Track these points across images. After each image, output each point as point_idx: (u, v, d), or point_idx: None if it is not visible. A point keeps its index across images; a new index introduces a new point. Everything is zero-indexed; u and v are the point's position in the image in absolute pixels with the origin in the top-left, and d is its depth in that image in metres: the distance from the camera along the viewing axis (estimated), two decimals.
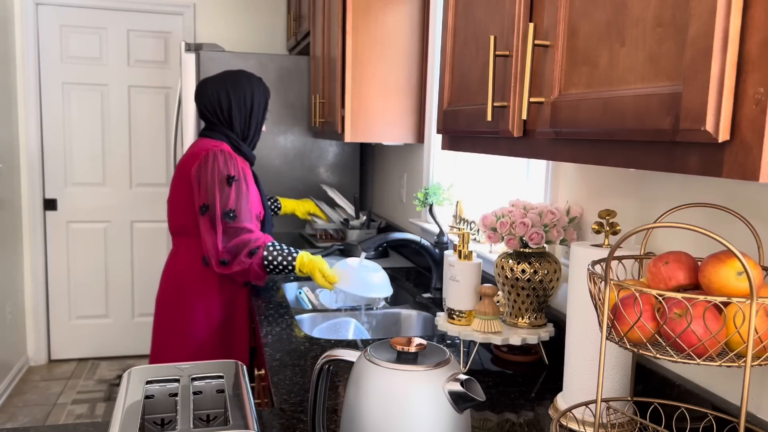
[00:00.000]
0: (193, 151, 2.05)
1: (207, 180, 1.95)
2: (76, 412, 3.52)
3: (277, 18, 4.25)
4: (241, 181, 1.98)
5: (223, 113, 2.10)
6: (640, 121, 0.71)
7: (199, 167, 1.98)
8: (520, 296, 1.47)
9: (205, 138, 2.11)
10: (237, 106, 2.10)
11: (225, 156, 1.99)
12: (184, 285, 2.07)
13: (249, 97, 2.11)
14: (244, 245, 1.92)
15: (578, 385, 1.18)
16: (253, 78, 2.14)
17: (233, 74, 2.13)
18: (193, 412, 0.93)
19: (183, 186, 2.04)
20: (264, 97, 2.14)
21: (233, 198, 1.94)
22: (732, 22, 0.60)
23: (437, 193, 2.14)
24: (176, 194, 2.06)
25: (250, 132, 2.14)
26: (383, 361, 0.88)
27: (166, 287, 2.11)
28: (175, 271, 2.09)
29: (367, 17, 2.44)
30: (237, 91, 2.10)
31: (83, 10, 3.97)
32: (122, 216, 4.20)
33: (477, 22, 1.17)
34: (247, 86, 2.12)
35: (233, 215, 1.93)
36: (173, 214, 2.09)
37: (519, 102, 1.00)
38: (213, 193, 1.94)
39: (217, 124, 2.10)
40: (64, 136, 4.05)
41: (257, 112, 2.13)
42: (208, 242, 1.95)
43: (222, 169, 1.96)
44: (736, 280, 0.79)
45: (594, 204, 1.45)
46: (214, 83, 2.10)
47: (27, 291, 4.07)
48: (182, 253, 2.09)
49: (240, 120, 2.10)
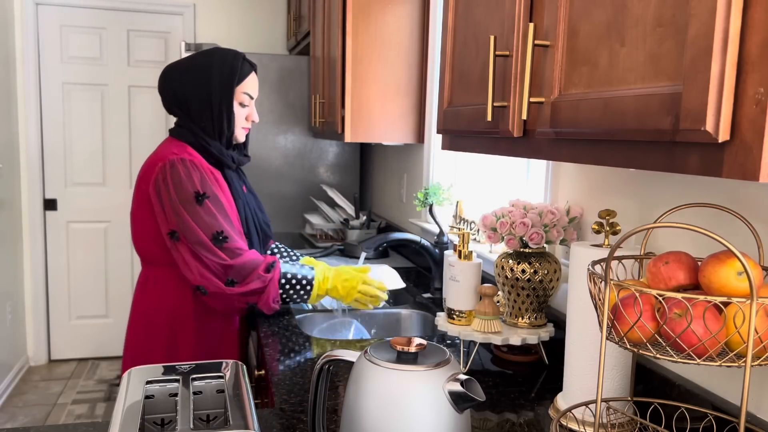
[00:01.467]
0: (152, 159, 1.67)
1: (170, 200, 1.60)
2: (76, 412, 3.52)
3: (277, 18, 4.25)
4: (214, 196, 1.62)
5: (182, 105, 1.70)
6: (640, 121, 0.71)
7: (157, 186, 1.62)
8: (520, 296, 1.47)
9: (170, 139, 1.74)
10: (193, 95, 1.68)
11: (187, 165, 1.61)
12: (154, 326, 1.70)
13: (205, 80, 1.67)
14: (253, 264, 1.62)
15: (578, 385, 1.18)
16: (215, 55, 1.71)
17: (197, 54, 1.74)
18: (193, 412, 0.93)
19: (143, 205, 1.67)
20: (227, 76, 1.68)
21: (215, 217, 1.60)
22: (732, 22, 0.60)
23: (437, 193, 2.14)
24: (138, 214, 1.69)
25: (220, 125, 1.69)
26: (383, 361, 0.88)
27: (136, 325, 1.74)
28: (144, 309, 1.73)
29: (367, 17, 2.44)
30: (192, 75, 1.69)
31: (83, 10, 3.97)
32: (122, 216, 4.20)
33: (477, 22, 1.17)
34: (204, 66, 1.69)
35: (223, 237, 1.60)
36: (138, 237, 1.72)
37: (519, 102, 1.00)
38: (182, 216, 1.59)
39: (184, 119, 1.71)
40: (64, 136, 4.05)
41: (218, 98, 1.67)
42: (195, 269, 1.59)
43: (185, 184, 1.59)
44: (736, 280, 0.79)
45: (594, 204, 1.45)
46: (173, 69, 1.73)
47: (27, 291, 4.07)
48: (151, 286, 1.72)
49: (201, 112, 1.68)
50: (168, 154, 1.64)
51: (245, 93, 1.73)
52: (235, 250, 1.61)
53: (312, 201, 3.38)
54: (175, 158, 1.62)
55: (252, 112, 1.77)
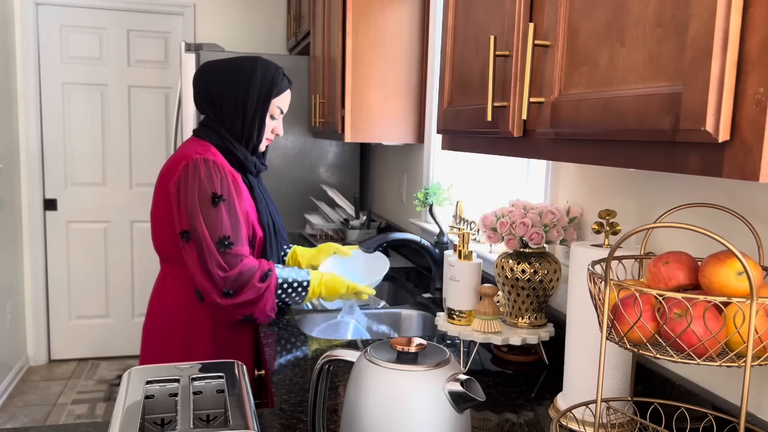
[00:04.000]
0: (176, 158, 1.68)
1: (187, 200, 1.60)
2: (76, 412, 3.52)
3: (277, 18, 4.25)
4: (230, 200, 1.63)
5: (215, 105, 1.73)
6: (640, 121, 0.71)
7: (178, 183, 1.62)
8: (520, 296, 1.47)
9: (194, 139, 1.75)
10: (229, 97, 1.70)
11: (209, 167, 1.62)
12: (172, 323, 1.72)
13: (244, 86, 1.70)
14: (250, 273, 1.62)
15: (578, 385, 1.18)
16: (259, 64, 1.73)
17: (238, 59, 1.75)
18: (193, 412, 0.93)
19: (163, 203, 1.68)
20: (266, 87, 1.71)
21: (225, 222, 1.60)
22: (732, 22, 0.60)
23: (437, 193, 2.14)
24: (158, 213, 1.70)
25: (250, 132, 1.72)
26: (383, 361, 0.88)
27: (153, 323, 1.77)
28: (161, 306, 1.75)
29: (367, 17, 2.44)
30: (232, 78, 1.71)
31: (83, 10, 3.97)
32: (122, 216, 4.20)
33: (477, 22, 1.17)
34: (246, 72, 1.71)
35: (228, 242, 1.60)
36: (157, 235, 1.73)
37: (519, 102, 1.00)
38: (196, 217, 1.59)
39: (213, 119, 1.74)
40: (64, 136, 4.05)
41: (254, 106, 1.70)
42: (199, 274, 1.61)
43: (205, 185, 1.60)
44: (736, 280, 0.79)
45: (594, 204, 1.45)
46: (212, 66, 1.74)
47: (27, 291, 4.07)
48: (169, 283, 1.74)
49: (233, 115, 1.71)
50: (191, 153, 1.65)
51: (278, 107, 1.76)
52: (236, 258, 1.61)
53: (312, 201, 3.38)
54: (198, 158, 1.63)
55: (279, 125, 1.80)
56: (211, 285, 1.60)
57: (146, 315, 1.80)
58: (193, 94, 1.76)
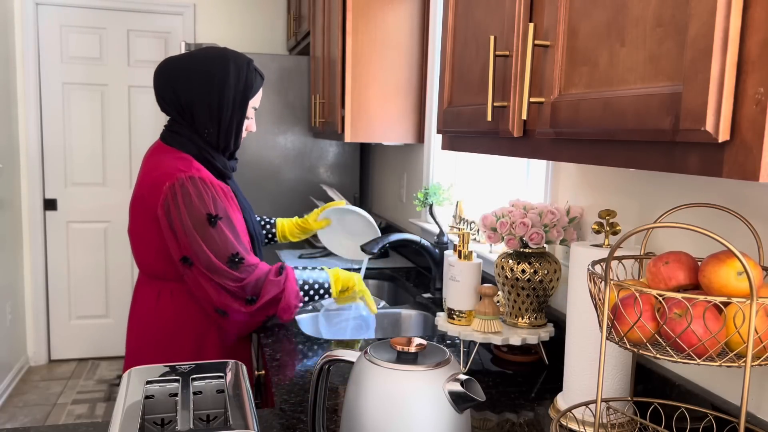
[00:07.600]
0: (156, 176, 1.54)
1: (182, 226, 1.50)
2: (76, 412, 3.52)
3: (277, 18, 4.25)
4: (227, 216, 1.54)
5: (185, 112, 1.58)
6: (640, 121, 0.71)
7: (166, 208, 1.50)
8: (520, 296, 1.47)
9: (168, 149, 1.59)
10: (201, 104, 1.56)
11: (198, 186, 1.51)
12: (175, 338, 1.62)
13: (218, 91, 1.55)
14: (265, 275, 1.56)
15: (578, 385, 1.18)
16: (230, 63, 1.57)
17: (204, 57, 1.57)
18: (193, 412, 0.93)
19: (147, 223, 1.56)
20: (242, 91, 1.58)
21: (229, 239, 1.52)
22: (732, 22, 0.60)
23: (437, 193, 2.14)
24: (142, 232, 1.59)
25: (227, 140, 1.60)
26: (383, 361, 0.88)
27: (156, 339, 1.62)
28: (163, 321, 1.62)
29: (367, 17, 2.44)
30: (203, 82, 1.55)
31: (83, 10, 3.97)
32: (122, 216, 4.20)
33: (477, 22, 1.17)
34: (218, 75, 1.55)
35: (239, 258, 1.53)
36: (143, 255, 1.62)
37: (519, 102, 1.00)
38: (196, 242, 1.50)
39: (183, 125, 1.59)
40: (64, 136, 4.05)
41: (230, 112, 1.58)
42: (215, 295, 1.52)
43: (197, 207, 1.49)
44: (736, 280, 0.79)
45: (594, 204, 1.45)
46: (177, 68, 1.57)
47: (27, 291, 4.07)
48: (166, 299, 1.62)
49: (208, 124, 1.58)
50: (174, 171, 1.52)
51: (253, 107, 1.66)
52: (249, 267, 1.55)
53: (312, 201, 3.38)
54: (184, 177, 1.51)
55: (252, 123, 1.70)
56: (232, 299, 1.53)
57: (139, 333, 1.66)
58: (155, 94, 1.60)
